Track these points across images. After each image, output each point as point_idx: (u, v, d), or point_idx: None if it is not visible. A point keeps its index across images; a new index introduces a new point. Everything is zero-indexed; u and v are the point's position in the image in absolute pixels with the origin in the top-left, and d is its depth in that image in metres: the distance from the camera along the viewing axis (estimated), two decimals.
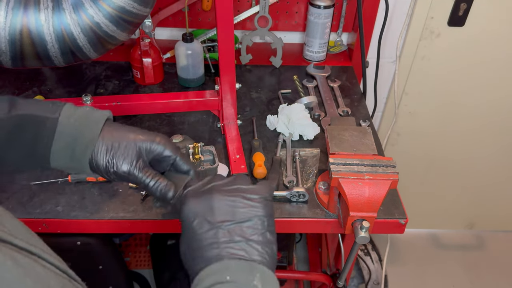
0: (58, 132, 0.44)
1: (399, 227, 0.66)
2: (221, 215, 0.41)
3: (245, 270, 0.38)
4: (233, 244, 0.40)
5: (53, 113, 0.45)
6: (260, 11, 0.94)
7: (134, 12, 0.63)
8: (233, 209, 0.41)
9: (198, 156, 0.63)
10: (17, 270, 0.26)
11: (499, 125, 1.24)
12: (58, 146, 0.44)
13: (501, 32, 1.05)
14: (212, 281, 0.36)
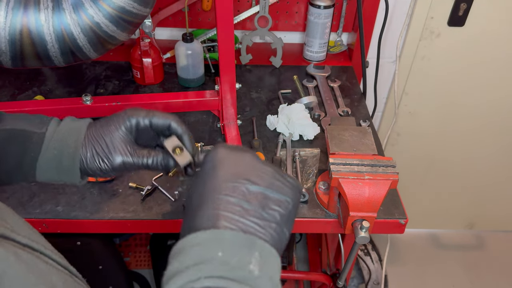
0: (44, 146, 0.44)
1: (399, 227, 0.66)
2: (254, 175, 0.34)
3: (243, 247, 0.30)
4: (249, 210, 0.32)
5: (40, 128, 0.45)
6: (260, 11, 0.94)
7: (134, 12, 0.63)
8: (266, 176, 0.34)
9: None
10: (19, 266, 0.26)
11: (499, 125, 1.24)
12: (44, 160, 0.45)
13: (501, 32, 1.05)
14: (198, 257, 0.29)
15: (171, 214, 0.65)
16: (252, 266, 0.28)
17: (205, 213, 0.32)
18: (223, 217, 0.31)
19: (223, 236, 0.30)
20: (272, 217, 0.33)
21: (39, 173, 0.45)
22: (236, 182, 0.33)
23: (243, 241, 0.30)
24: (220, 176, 0.34)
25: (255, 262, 0.29)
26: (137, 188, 0.68)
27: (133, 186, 0.68)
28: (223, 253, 0.29)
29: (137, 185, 0.68)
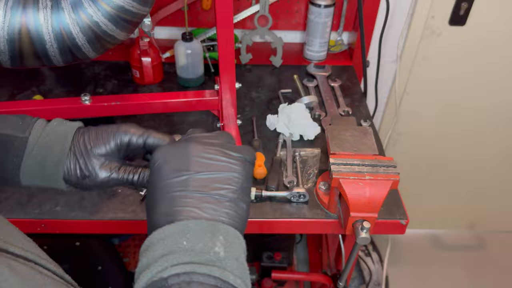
0: (27, 152, 0.42)
1: (400, 227, 0.66)
2: (195, 164, 0.36)
3: (207, 233, 0.31)
4: (200, 197, 0.34)
5: (23, 131, 0.43)
6: (260, 10, 0.93)
7: (133, 11, 0.63)
8: (209, 161, 0.36)
9: None
10: (14, 278, 0.25)
11: (501, 124, 1.23)
12: (27, 165, 0.43)
13: (503, 31, 1.04)
14: (165, 250, 0.30)
15: None
16: (217, 249, 0.30)
17: (162, 211, 0.34)
18: (179, 212, 0.33)
19: (186, 227, 0.31)
20: (225, 197, 0.34)
21: (23, 178, 0.43)
22: (180, 176, 0.35)
23: (206, 227, 0.31)
24: (165, 174, 0.35)
25: (220, 245, 0.30)
26: (136, 189, 0.68)
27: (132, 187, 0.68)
28: (187, 241, 0.30)
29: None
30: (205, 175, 0.35)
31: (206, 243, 0.30)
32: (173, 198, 0.34)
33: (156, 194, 0.35)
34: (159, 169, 0.36)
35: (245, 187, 0.37)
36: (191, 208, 0.33)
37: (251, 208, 0.66)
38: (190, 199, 0.34)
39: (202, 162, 0.36)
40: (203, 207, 0.33)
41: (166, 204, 0.34)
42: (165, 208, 0.34)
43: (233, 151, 0.37)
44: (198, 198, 0.34)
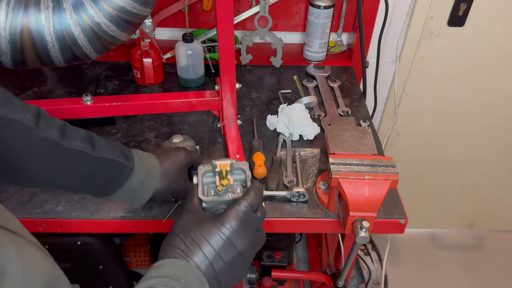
0: (129, 180, 0.52)
1: (399, 227, 0.66)
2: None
3: (197, 285, 0.41)
4: (216, 260, 0.43)
5: (128, 161, 0.52)
6: (260, 11, 0.94)
7: (134, 12, 0.63)
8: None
9: (226, 181, 0.49)
10: (12, 249, 0.30)
11: (499, 124, 1.24)
12: (124, 189, 0.53)
13: (501, 32, 1.05)
14: (170, 275, 0.40)
15: (171, 214, 0.65)
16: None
17: (183, 247, 0.43)
18: (192, 254, 0.42)
19: (190, 269, 0.41)
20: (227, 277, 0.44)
21: (115, 196, 0.53)
22: (216, 235, 0.43)
23: (200, 280, 0.41)
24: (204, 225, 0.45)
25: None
26: None
27: None
28: (186, 280, 0.40)
29: None
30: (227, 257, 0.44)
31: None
32: (195, 240, 0.43)
33: (195, 233, 0.44)
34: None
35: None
36: (202, 259, 0.42)
37: None
38: (203, 250, 0.43)
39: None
40: (213, 270, 0.42)
41: (189, 242, 0.43)
42: (186, 246, 0.43)
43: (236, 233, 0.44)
44: (216, 262, 0.43)
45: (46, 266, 0.34)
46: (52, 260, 0.37)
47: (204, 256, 0.42)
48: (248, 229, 0.44)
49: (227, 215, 0.44)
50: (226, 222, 0.43)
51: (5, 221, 0.34)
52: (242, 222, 0.44)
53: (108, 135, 0.79)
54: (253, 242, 0.45)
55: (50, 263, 0.35)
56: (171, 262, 0.41)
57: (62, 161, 0.48)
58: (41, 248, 0.37)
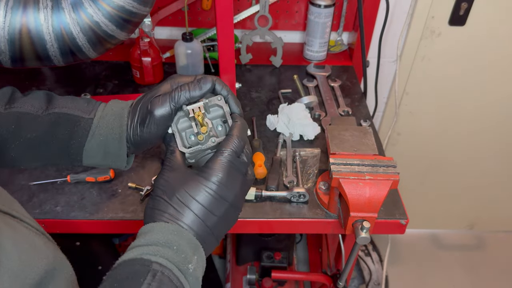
0: (91, 132, 0.45)
1: (399, 227, 0.66)
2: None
3: (191, 249, 0.37)
4: (207, 217, 0.39)
5: (88, 113, 0.46)
6: (260, 10, 0.93)
7: (133, 12, 0.63)
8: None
9: (204, 127, 0.44)
10: (7, 227, 0.31)
11: (500, 124, 1.23)
12: (90, 145, 0.45)
13: (502, 31, 1.04)
14: (160, 241, 0.36)
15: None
16: (190, 265, 0.37)
17: (172, 210, 0.39)
18: (182, 217, 0.39)
19: (182, 235, 0.38)
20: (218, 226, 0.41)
21: (86, 158, 0.46)
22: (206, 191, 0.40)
23: (193, 244, 0.38)
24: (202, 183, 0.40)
25: (194, 263, 0.37)
26: (136, 189, 0.68)
27: (132, 187, 0.68)
28: (177, 247, 0.36)
29: (136, 185, 0.68)
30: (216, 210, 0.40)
31: (187, 257, 0.37)
32: (182, 201, 0.39)
33: (173, 192, 0.39)
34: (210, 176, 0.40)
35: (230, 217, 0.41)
36: (193, 219, 0.39)
37: (252, 208, 0.67)
38: (178, 215, 0.39)
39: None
40: (204, 228, 0.39)
41: (176, 204, 0.39)
42: (175, 209, 0.39)
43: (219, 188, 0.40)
44: (207, 218, 0.39)
45: (46, 252, 0.34)
46: (54, 245, 0.37)
47: (194, 216, 0.38)
48: (236, 178, 0.41)
49: (211, 168, 0.40)
50: (211, 176, 0.39)
51: (7, 205, 0.34)
52: (229, 173, 0.40)
53: None
54: (242, 188, 0.42)
55: (51, 248, 0.35)
56: (161, 227, 0.37)
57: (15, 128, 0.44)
58: (43, 233, 0.37)
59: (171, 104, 0.43)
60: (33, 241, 0.33)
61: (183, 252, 0.36)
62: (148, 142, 0.45)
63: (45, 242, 0.35)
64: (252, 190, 0.67)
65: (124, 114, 0.45)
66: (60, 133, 0.45)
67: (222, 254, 1.34)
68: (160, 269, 0.34)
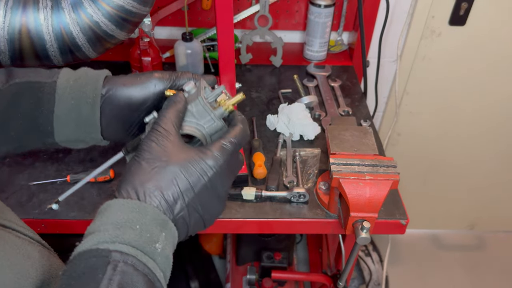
0: (58, 95, 0.41)
1: (400, 227, 0.66)
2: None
3: (157, 226, 0.32)
4: (173, 189, 0.34)
5: (51, 77, 0.42)
6: (260, 10, 0.93)
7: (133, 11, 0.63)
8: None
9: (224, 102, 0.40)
10: (3, 246, 0.29)
11: (501, 125, 1.23)
12: (60, 110, 0.41)
13: (503, 31, 1.04)
14: (120, 221, 0.31)
15: None
16: (157, 245, 0.32)
17: (136, 182, 0.34)
18: (149, 193, 0.33)
19: (146, 212, 0.32)
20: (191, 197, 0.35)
21: (57, 129, 0.42)
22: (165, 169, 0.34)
23: (160, 220, 0.33)
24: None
25: (161, 242, 0.32)
26: None
27: None
28: (140, 226, 0.32)
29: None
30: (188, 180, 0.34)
31: (153, 236, 0.32)
32: (151, 175, 0.34)
33: (141, 162, 0.34)
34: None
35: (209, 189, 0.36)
36: (159, 195, 0.33)
37: (252, 208, 0.66)
38: (161, 187, 0.33)
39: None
40: (168, 198, 0.34)
41: (142, 177, 0.34)
42: (141, 181, 0.34)
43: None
44: (169, 189, 0.34)
45: (40, 261, 0.33)
46: (51, 252, 0.36)
47: (179, 194, 0.33)
48: (232, 171, 0.37)
49: (213, 151, 0.35)
50: (212, 159, 0.34)
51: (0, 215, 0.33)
52: (229, 163, 0.36)
53: None
54: (229, 186, 0.37)
55: (46, 257, 0.34)
56: (120, 205, 0.32)
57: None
58: (39, 240, 0.36)
59: (172, 76, 0.41)
60: (26, 251, 0.32)
61: (147, 231, 0.31)
62: (126, 108, 0.41)
63: (39, 251, 0.34)
64: (252, 190, 0.67)
65: (100, 78, 0.42)
66: (25, 104, 0.41)
67: (222, 254, 1.34)
68: (121, 259, 0.29)
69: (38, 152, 0.74)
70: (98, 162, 0.73)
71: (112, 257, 0.29)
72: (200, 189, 0.34)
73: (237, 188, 0.68)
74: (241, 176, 0.69)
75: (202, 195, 0.35)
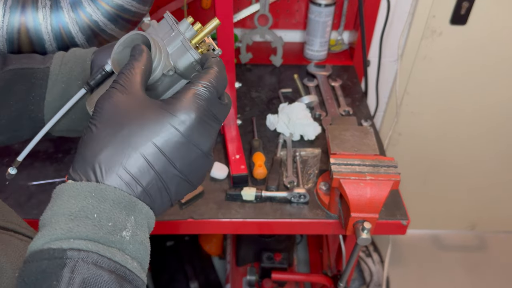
0: (50, 81, 0.39)
1: (401, 228, 0.66)
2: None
3: (122, 211, 0.27)
4: (131, 157, 0.27)
5: (44, 63, 0.41)
6: (260, 9, 0.93)
7: (132, 11, 0.63)
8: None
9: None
10: (4, 249, 0.29)
11: (502, 125, 1.23)
12: (51, 96, 0.39)
13: (504, 30, 1.04)
14: (73, 210, 0.26)
15: (170, 214, 0.64)
16: (124, 233, 0.27)
17: (89, 158, 0.28)
18: (107, 171, 0.27)
19: (105, 196, 0.27)
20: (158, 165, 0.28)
21: (48, 116, 0.39)
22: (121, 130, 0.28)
23: (124, 203, 0.27)
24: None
25: (129, 228, 0.27)
26: None
27: None
28: (99, 215, 0.26)
29: None
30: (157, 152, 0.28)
31: (117, 223, 0.26)
32: (104, 144, 0.28)
33: (97, 133, 0.28)
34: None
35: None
36: (119, 169, 0.27)
37: (252, 209, 0.66)
38: (120, 158, 0.27)
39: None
40: (130, 170, 0.27)
41: (96, 147, 0.28)
42: (94, 153, 0.27)
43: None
44: (129, 158, 0.27)
45: None
46: None
47: (145, 163, 0.27)
48: (212, 124, 0.30)
49: (181, 101, 0.29)
50: (180, 112, 0.28)
51: (0, 217, 0.33)
52: (204, 114, 0.29)
53: None
54: (214, 138, 0.31)
55: None
56: (72, 190, 0.27)
57: None
58: (31, 236, 0.36)
59: None
60: None
61: (109, 219, 0.26)
62: None
63: None
64: (252, 190, 0.66)
65: (87, 57, 0.39)
66: (17, 91, 0.39)
67: (222, 255, 1.34)
68: (78, 257, 0.24)
69: (37, 152, 0.74)
70: None
71: (68, 256, 0.24)
72: (173, 150, 0.28)
73: (237, 188, 0.67)
74: (241, 176, 0.69)
75: (178, 156, 0.28)
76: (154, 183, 0.28)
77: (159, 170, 0.28)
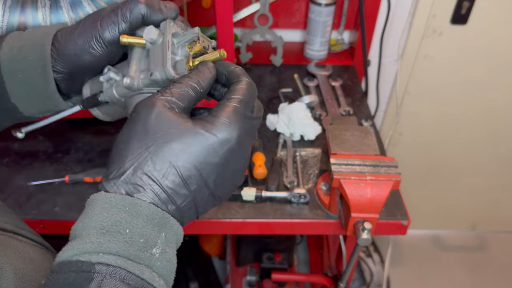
0: (3, 71, 0.34)
1: (401, 228, 0.65)
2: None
3: (154, 227, 0.27)
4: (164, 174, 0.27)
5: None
6: (260, 9, 0.93)
7: None
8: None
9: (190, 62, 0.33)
10: (4, 251, 0.28)
11: (503, 124, 1.22)
12: (12, 87, 0.34)
13: (505, 30, 1.03)
14: (105, 224, 0.26)
15: None
16: (154, 250, 0.26)
17: (126, 175, 0.27)
18: (142, 186, 0.27)
19: (140, 211, 0.26)
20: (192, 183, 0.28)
21: (19, 105, 0.35)
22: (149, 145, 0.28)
23: (157, 219, 0.27)
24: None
25: (159, 245, 0.27)
26: None
27: None
28: (131, 230, 0.26)
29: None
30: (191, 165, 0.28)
31: (148, 240, 0.26)
32: (144, 158, 0.27)
33: (131, 142, 0.27)
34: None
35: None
36: (155, 185, 0.27)
37: (252, 209, 0.66)
38: (157, 174, 0.27)
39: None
40: (166, 189, 0.27)
41: (133, 160, 0.27)
42: (132, 167, 0.27)
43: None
44: (167, 175, 0.27)
45: (43, 264, 0.32)
46: (53, 254, 0.35)
47: (180, 180, 0.27)
48: (249, 138, 0.30)
49: (223, 119, 0.28)
50: (222, 132, 0.28)
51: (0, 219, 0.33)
52: (244, 130, 0.29)
53: (106, 135, 0.78)
54: (248, 154, 0.30)
55: (49, 259, 0.33)
56: (105, 202, 0.26)
57: None
58: (42, 243, 0.35)
59: (126, 14, 0.32)
60: (29, 254, 0.31)
61: (141, 235, 0.26)
62: (87, 71, 0.34)
63: (42, 253, 0.33)
64: (252, 190, 0.66)
65: (47, 41, 0.33)
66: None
67: (222, 255, 1.33)
68: (106, 272, 0.24)
69: (36, 152, 0.74)
70: (96, 162, 0.73)
71: (96, 270, 0.24)
72: (210, 171, 0.28)
73: (237, 188, 0.67)
74: None
75: (213, 176, 0.28)
76: (187, 202, 0.28)
77: (194, 190, 0.28)
